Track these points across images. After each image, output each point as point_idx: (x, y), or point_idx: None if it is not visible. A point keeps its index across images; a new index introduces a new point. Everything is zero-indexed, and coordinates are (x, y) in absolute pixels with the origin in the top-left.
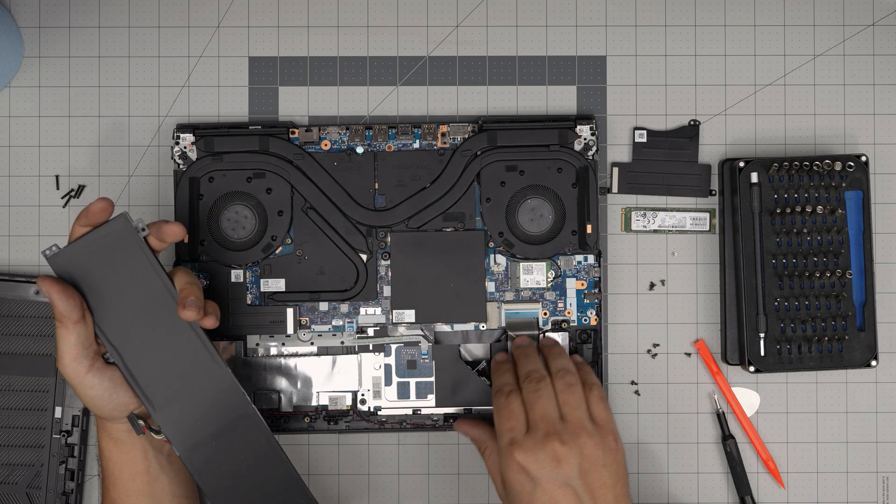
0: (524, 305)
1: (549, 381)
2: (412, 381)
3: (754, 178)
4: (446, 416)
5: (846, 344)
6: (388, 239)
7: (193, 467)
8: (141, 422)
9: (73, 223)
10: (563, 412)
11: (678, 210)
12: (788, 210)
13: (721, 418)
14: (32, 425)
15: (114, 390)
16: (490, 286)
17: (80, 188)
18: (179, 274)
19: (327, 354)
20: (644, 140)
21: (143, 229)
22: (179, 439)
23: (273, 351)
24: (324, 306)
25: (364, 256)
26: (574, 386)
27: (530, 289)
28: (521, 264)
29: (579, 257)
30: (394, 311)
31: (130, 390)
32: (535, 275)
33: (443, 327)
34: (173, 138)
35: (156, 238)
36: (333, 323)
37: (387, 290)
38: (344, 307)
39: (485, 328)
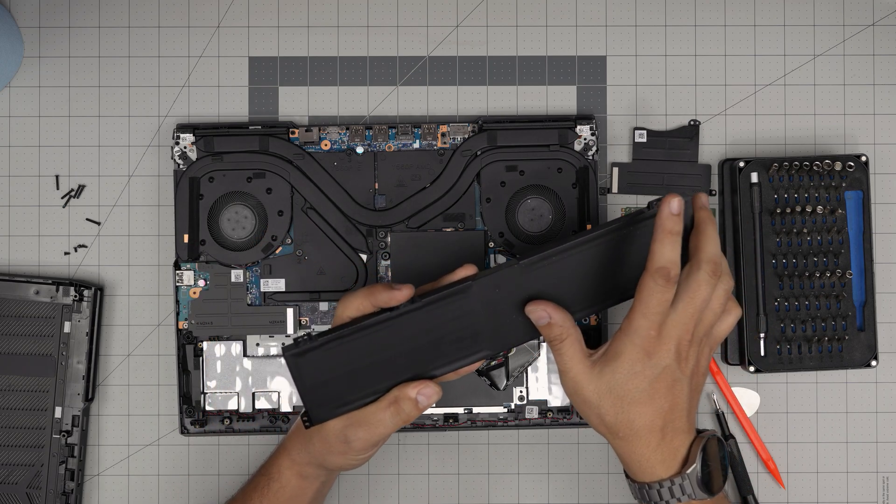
0: None
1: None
2: None
3: (754, 178)
4: (446, 416)
5: (846, 344)
6: (388, 239)
7: None
8: None
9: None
10: (703, 315)
11: None
12: (788, 210)
13: (721, 418)
14: (32, 425)
15: None
16: None
17: (80, 188)
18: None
19: None
20: (644, 140)
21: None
22: None
23: (273, 351)
24: (324, 306)
25: (364, 256)
26: (729, 301)
27: None
28: None
29: None
30: None
31: None
32: None
33: None
34: (173, 138)
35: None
36: None
37: None
38: None
39: None
